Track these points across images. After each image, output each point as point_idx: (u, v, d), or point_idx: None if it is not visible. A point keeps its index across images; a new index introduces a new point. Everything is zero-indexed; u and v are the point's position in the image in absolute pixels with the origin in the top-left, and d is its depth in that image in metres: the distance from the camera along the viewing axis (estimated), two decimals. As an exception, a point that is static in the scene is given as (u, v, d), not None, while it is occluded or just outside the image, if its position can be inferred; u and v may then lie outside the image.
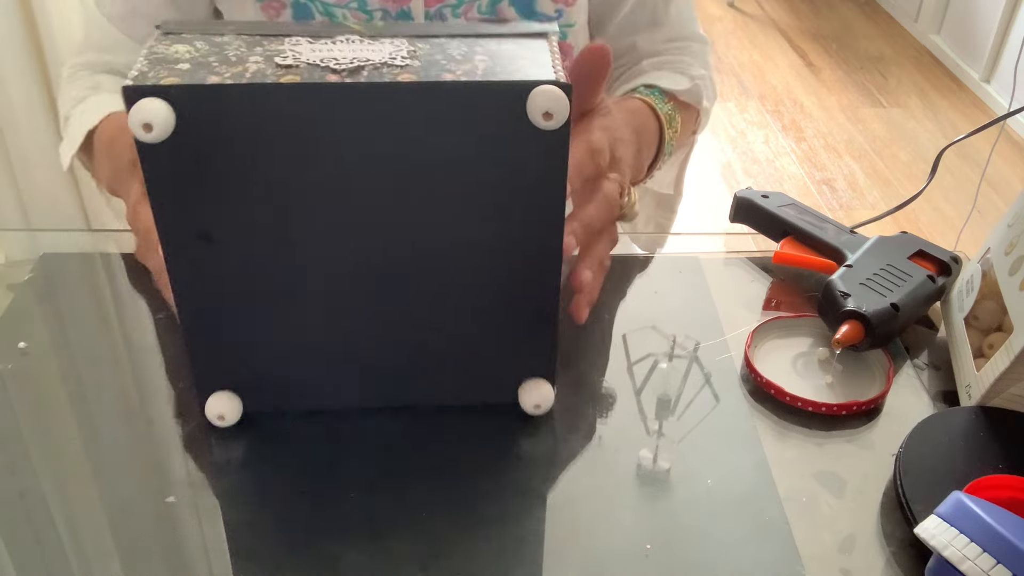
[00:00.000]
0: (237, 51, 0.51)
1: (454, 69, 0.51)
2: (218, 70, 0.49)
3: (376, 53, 0.51)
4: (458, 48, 0.53)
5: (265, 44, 0.52)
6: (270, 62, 0.50)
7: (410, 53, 0.52)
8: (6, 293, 0.73)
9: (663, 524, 0.57)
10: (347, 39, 0.53)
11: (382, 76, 0.50)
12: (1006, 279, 0.66)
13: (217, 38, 0.52)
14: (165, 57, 0.50)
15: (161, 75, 0.48)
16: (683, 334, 0.71)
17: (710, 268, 0.80)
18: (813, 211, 0.81)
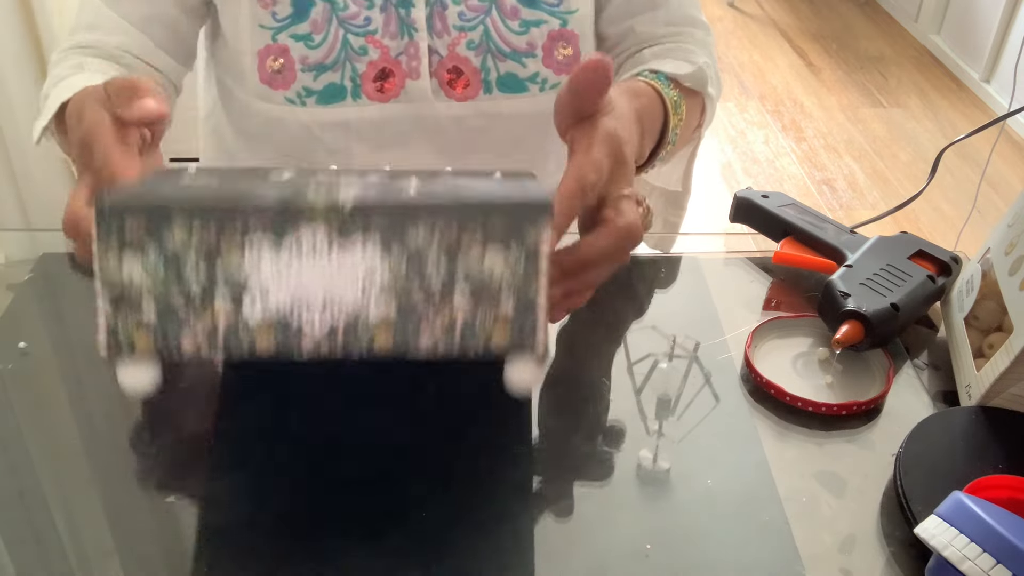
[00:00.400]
0: (199, 281, 0.48)
1: (432, 320, 0.49)
2: (187, 320, 0.48)
3: (348, 283, 0.48)
4: (437, 272, 0.49)
5: (225, 260, 0.48)
6: (237, 308, 0.48)
7: (385, 285, 0.49)
8: (6, 293, 0.73)
9: (663, 524, 0.57)
10: (314, 240, 0.47)
11: (358, 338, 0.49)
12: (1006, 279, 0.66)
13: (168, 242, 0.47)
14: (124, 293, 0.48)
15: (130, 328, 0.48)
16: (683, 334, 0.71)
17: (710, 268, 0.80)
18: (813, 211, 0.81)
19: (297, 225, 0.47)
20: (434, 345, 0.50)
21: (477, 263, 0.48)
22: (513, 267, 0.48)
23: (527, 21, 0.78)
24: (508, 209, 0.47)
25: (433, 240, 0.48)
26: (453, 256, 0.48)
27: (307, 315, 0.48)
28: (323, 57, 0.77)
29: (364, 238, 0.47)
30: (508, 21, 0.78)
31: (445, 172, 0.54)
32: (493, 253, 0.48)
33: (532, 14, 0.78)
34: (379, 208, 0.47)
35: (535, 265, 0.48)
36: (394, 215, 0.47)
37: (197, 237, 0.47)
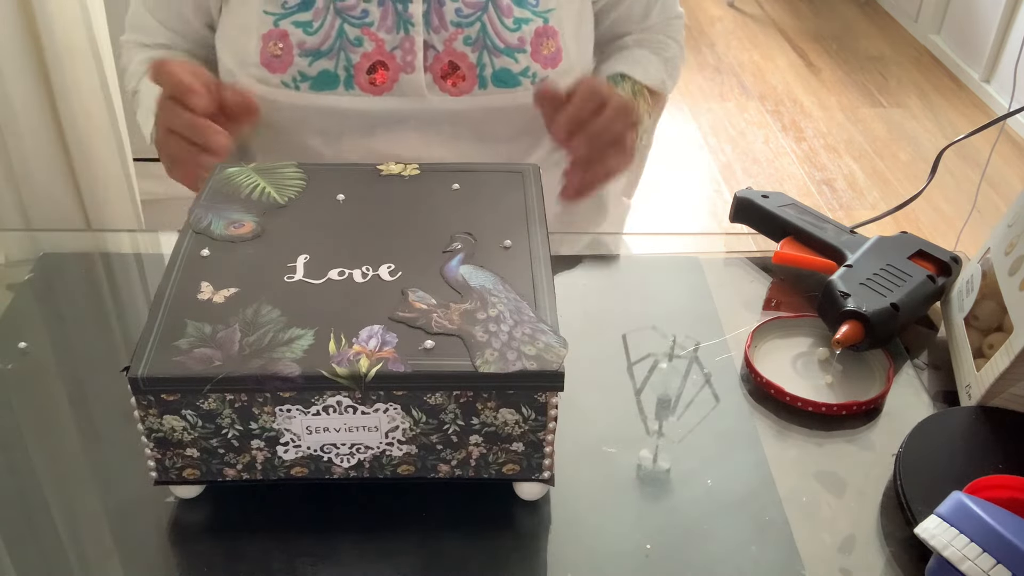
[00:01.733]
0: (232, 427, 0.52)
1: (449, 459, 0.54)
2: (228, 459, 0.54)
3: (371, 434, 0.53)
4: (454, 425, 0.53)
5: (257, 414, 0.51)
6: (272, 449, 0.53)
7: (406, 435, 0.53)
8: (6, 293, 0.73)
9: (663, 524, 0.57)
10: (338, 404, 0.51)
11: (383, 468, 0.54)
12: (1006, 279, 0.65)
13: (203, 407, 0.51)
14: (167, 437, 0.53)
15: (176, 464, 0.54)
16: (683, 334, 0.71)
17: (710, 268, 0.80)
18: (813, 211, 0.81)
19: (322, 393, 0.51)
20: (451, 472, 0.55)
21: (491, 417, 0.53)
22: (524, 420, 0.53)
23: (518, 19, 0.81)
24: (521, 378, 0.51)
25: (450, 402, 0.52)
26: (469, 413, 0.52)
27: (336, 454, 0.53)
28: (319, 43, 0.79)
29: (386, 403, 0.51)
30: (503, 18, 0.80)
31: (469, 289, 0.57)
32: (506, 411, 0.52)
33: (521, 12, 0.81)
34: (398, 378, 0.50)
35: (545, 416, 0.53)
36: (412, 385, 0.51)
37: (230, 403, 0.51)
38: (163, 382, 0.50)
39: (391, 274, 0.56)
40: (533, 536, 0.56)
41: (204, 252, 0.58)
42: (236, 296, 0.54)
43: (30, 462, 0.60)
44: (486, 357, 0.51)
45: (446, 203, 0.63)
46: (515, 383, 0.51)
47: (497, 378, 0.50)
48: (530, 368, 0.50)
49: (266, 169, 0.66)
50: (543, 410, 0.52)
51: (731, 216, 0.84)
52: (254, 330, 0.52)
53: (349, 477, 0.54)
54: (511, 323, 0.53)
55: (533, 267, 0.58)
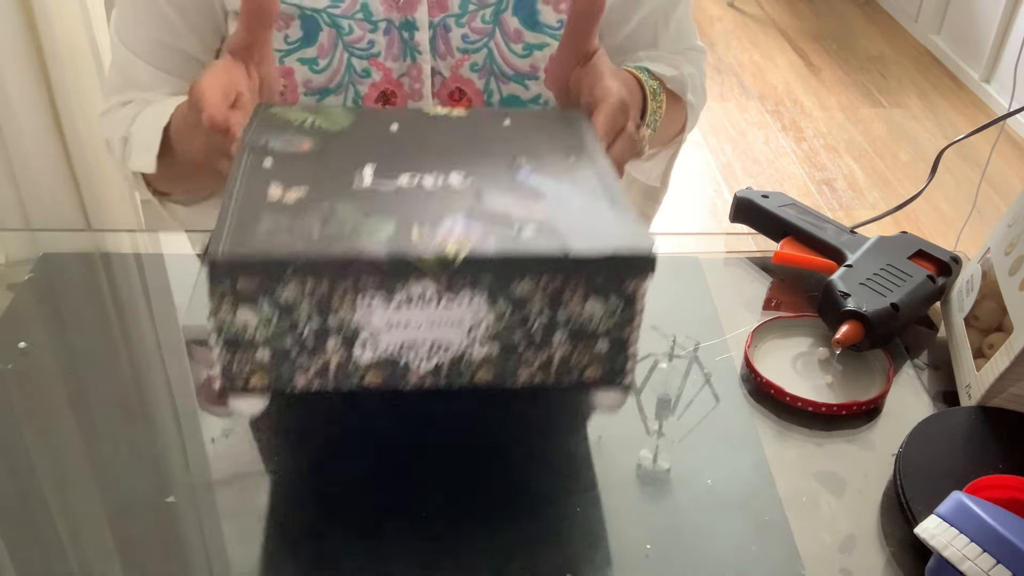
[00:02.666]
0: (309, 323, 0.49)
1: (529, 361, 0.52)
2: (300, 362, 0.50)
3: (453, 330, 0.50)
4: (539, 319, 0.50)
5: (336, 307, 0.49)
6: (349, 350, 0.50)
7: (489, 331, 0.50)
8: (6, 293, 0.73)
9: (663, 524, 0.57)
10: (422, 293, 0.49)
11: (461, 374, 0.51)
12: (1006, 279, 0.65)
13: (281, 297, 0.48)
14: (238, 337, 0.49)
15: (244, 369, 0.50)
16: (683, 334, 0.71)
17: (710, 268, 0.80)
18: (813, 211, 0.81)
19: (407, 280, 0.48)
20: (531, 378, 0.52)
21: (578, 310, 0.50)
22: (611, 312, 0.50)
23: (530, 44, 0.79)
24: (612, 263, 0.49)
25: (537, 291, 0.49)
26: (556, 305, 0.50)
27: (414, 356, 0.51)
28: (327, 82, 0.78)
29: (472, 292, 0.49)
30: (512, 44, 0.79)
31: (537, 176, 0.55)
32: (594, 301, 0.50)
33: (535, 37, 0.79)
34: (487, 264, 0.48)
35: (631, 310, 0.51)
36: (501, 272, 0.49)
37: (310, 292, 0.48)
38: (244, 264, 0.47)
39: (462, 180, 0.54)
40: (533, 536, 0.56)
41: (267, 163, 0.55)
42: (308, 195, 0.51)
43: (30, 462, 0.60)
44: (576, 242, 0.49)
45: (501, 134, 0.61)
46: (607, 267, 0.49)
47: (589, 262, 0.49)
48: (622, 250, 0.49)
49: (311, 106, 0.63)
50: (631, 301, 0.50)
51: (731, 216, 0.84)
52: (332, 222, 0.49)
53: (425, 385, 0.51)
54: (594, 215, 0.52)
55: (603, 179, 0.55)
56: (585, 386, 0.53)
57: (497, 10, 0.78)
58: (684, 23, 0.89)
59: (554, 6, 0.79)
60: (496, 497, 0.58)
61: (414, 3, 0.76)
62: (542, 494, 0.58)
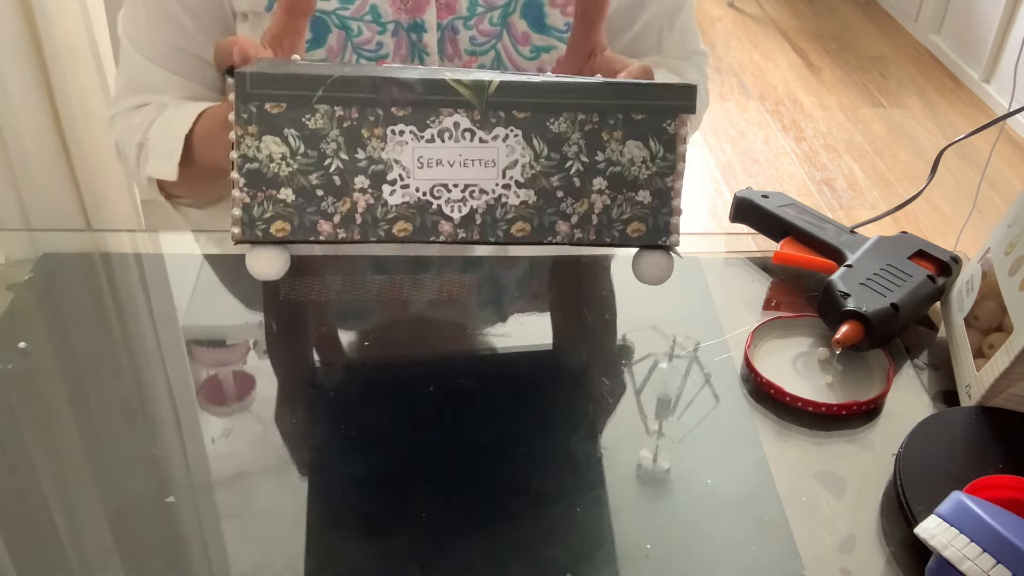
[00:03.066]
0: (337, 156, 0.47)
1: (567, 212, 0.49)
2: (325, 206, 0.48)
3: (487, 171, 0.48)
4: (577, 162, 0.49)
5: (366, 139, 0.47)
6: (378, 191, 0.48)
7: (525, 173, 0.48)
8: (6, 293, 0.73)
9: (663, 524, 0.57)
10: (455, 126, 0.47)
11: (496, 224, 0.49)
12: (1006, 279, 0.65)
13: (309, 126, 0.47)
14: (261, 171, 0.47)
15: (267, 211, 0.48)
16: (683, 334, 0.71)
17: (710, 268, 0.80)
18: (813, 211, 0.81)
19: (439, 111, 0.46)
20: (570, 232, 0.50)
21: (617, 152, 0.48)
22: (652, 157, 0.49)
23: (537, 47, 0.80)
24: (652, 95, 0.48)
25: (574, 130, 0.48)
26: (594, 146, 0.48)
27: (447, 200, 0.48)
28: None
29: (506, 130, 0.47)
30: (519, 46, 0.79)
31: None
32: (633, 143, 0.48)
33: (542, 39, 0.79)
34: (523, 91, 0.46)
35: (673, 155, 0.49)
36: (537, 106, 0.47)
37: (339, 121, 0.46)
38: (272, 82, 0.45)
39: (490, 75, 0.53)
40: (533, 536, 0.56)
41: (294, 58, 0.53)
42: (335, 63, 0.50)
43: (30, 462, 0.60)
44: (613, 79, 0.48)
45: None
46: (645, 96, 0.48)
47: (627, 90, 0.48)
48: (656, 83, 0.48)
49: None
50: (672, 144, 0.49)
51: (731, 216, 0.84)
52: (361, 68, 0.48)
53: (457, 239, 0.49)
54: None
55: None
56: (628, 244, 0.51)
57: (505, 12, 0.78)
58: (688, 27, 0.89)
59: (561, 9, 0.79)
60: (496, 497, 0.58)
61: (422, 5, 0.76)
62: (542, 494, 0.58)
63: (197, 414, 0.64)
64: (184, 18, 0.78)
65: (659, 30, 0.87)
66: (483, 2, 0.77)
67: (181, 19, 0.78)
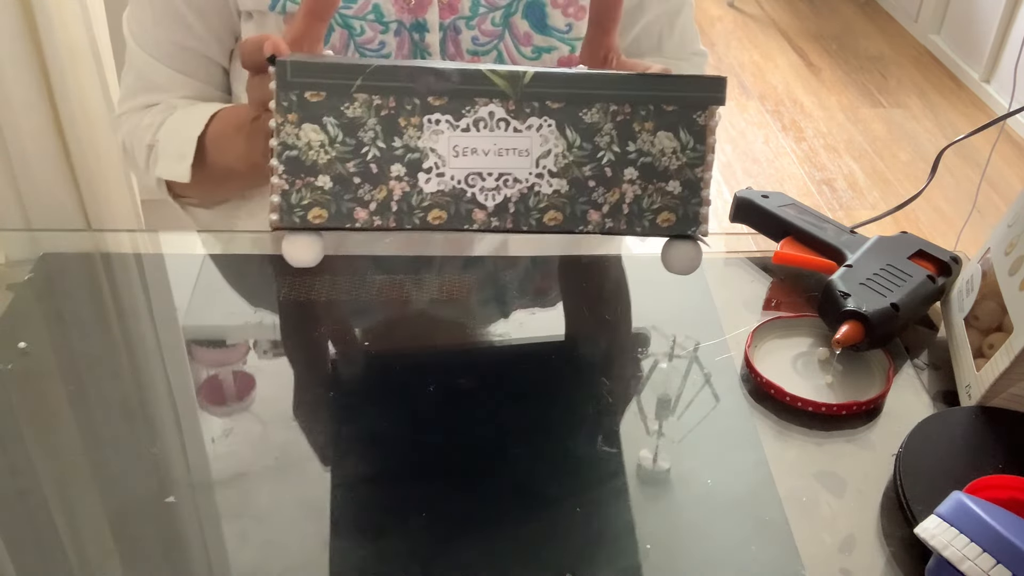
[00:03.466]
0: (375, 145, 0.48)
1: (599, 201, 0.50)
2: (361, 194, 0.48)
3: (521, 160, 0.49)
4: (609, 152, 0.49)
5: (402, 127, 0.48)
6: (414, 179, 0.49)
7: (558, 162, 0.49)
8: (6, 293, 0.73)
9: (663, 524, 0.57)
10: (490, 115, 0.48)
11: (528, 213, 0.50)
12: (1006, 279, 0.65)
13: (348, 114, 0.48)
14: (301, 157, 0.48)
15: (304, 197, 0.48)
16: (683, 334, 0.71)
17: (710, 268, 0.80)
18: (813, 211, 0.81)
19: (475, 101, 0.47)
20: (601, 221, 0.51)
21: (648, 143, 0.49)
22: (683, 148, 0.50)
23: (539, 47, 0.80)
24: (683, 87, 0.48)
25: (607, 121, 0.49)
26: (626, 137, 0.49)
27: (480, 189, 0.49)
28: None
29: (540, 119, 0.48)
30: (521, 47, 0.79)
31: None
32: (664, 135, 0.49)
33: (544, 40, 0.80)
34: (557, 82, 0.47)
35: (703, 146, 0.50)
36: (570, 96, 0.48)
37: (376, 110, 0.47)
38: (313, 70, 0.46)
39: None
40: (533, 536, 0.56)
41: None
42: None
43: (30, 462, 0.60)
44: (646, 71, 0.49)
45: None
46: (677, 88, 0.49)
47: (659, 82, 0.49)
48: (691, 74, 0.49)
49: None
50: (702, 136, 0.50)
51: (731, 216, 0.84)
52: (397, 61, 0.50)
53: (491, 227, 0.50)
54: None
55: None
56: (658, 234, 0.52)
57: (507, 13, 0.78)
58: (688, 28, 0.90)
59: (563, 10, 0.79)
60: (496, 497, 0.58)
61: (425, 5, 0.76)
62: (542, 494, 0.58)
63: (197, 414, 0.64)
64: (190, 17, 0.79)
65: (659, 31, 0.87)
66: (485, 2, 0.78)
67: (187, 18, 0.79)
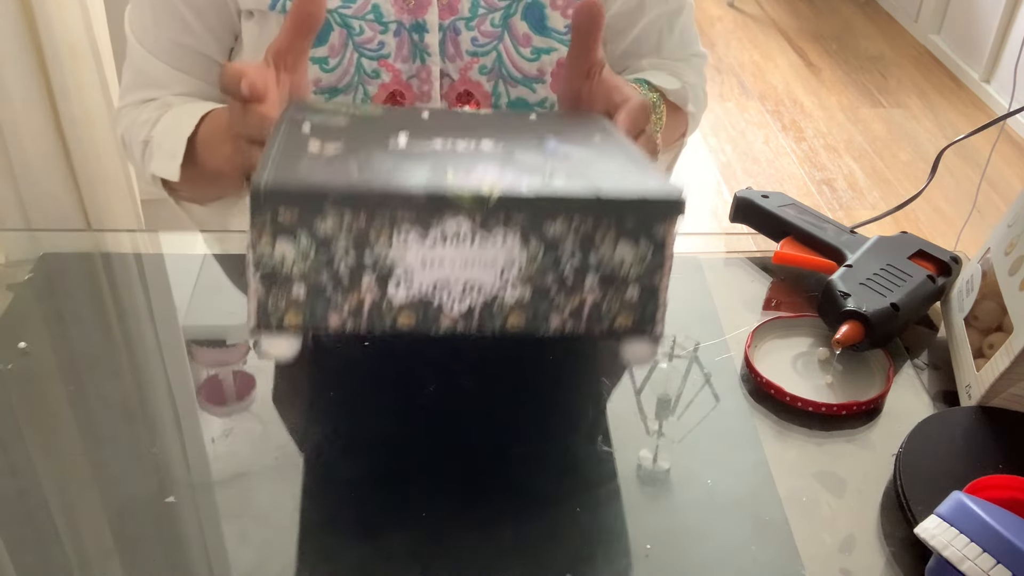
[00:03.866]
0: (348, 264, 0.50)
1: (560, 307, 0.52)
2: (335, 300, 0.50)
3: (486, 270, 0.51)
4: (570, 262, 0.51)
5: (372, 241, 0.49)
6: (383, 289, 0.50)
7: (522, 273, 0.51)
8: (6, 293, 0.73)
9: (663, 524, 0.57)
10: (456, 230, 0.49)
11: (493, 318, 0.52)
12: (1006, 279, 0.65)
13: (320, 229, 0.49)
14: (275, 271, 0.50)
15: (280, 305, 0.50)
16: (683, 334, 0.71)
17: (710, 268, 0.80)
18: (813, 211, 0.81)
19: (443, 216, 0.49)
20: (562, 325, 0.52)
21: (609, 254, 0.51)
22: (642, 258, 0.51)
23: (538, 48, 0.80)
24: (643, 205, 0.50)
25: (569, 233, 0.50)
26: (587, 247, 0.50)
27: (448, 297, 0.51)
28: (336, 81, 0.78)
29: (505, 231, 0.49)
30: (520, 48, 0.79)
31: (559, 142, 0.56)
32: (624, 245, 0.51)
33: (543, 41, 0.80)
34: (521, 203, 0.49)
35: (662, 255, 0.51)
36: (535, 211, 0.49)
37: (347, 226, 0.49)
38: (286, 194, 0.48)
39: (494, 145, 0.56)
40: (533, 536, 0.56)
41: (305, 128, 0.56)
42: (345, 149, 0.53)
43: (30, 462, 0.60)
44: (607, 184, 0.50)
45: (528, 124, 0.63)
46: (637, 209, 0.50)
47: (619, 203, 0.50)
48: (651, 194, 0.50)
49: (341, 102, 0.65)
50: (661, 246, 0.51)
51: (731, 216, 0.84)
52: (369, 167, 0.51)
53: (457, 329, 0.52)
54: (623, 171, 0.53)
55: (628, 151, 0.57)
56: (615, 335, 0.53)
57: (506, 14, 0.78)
58: (687, 29, 0.90)
59: (562, 11, 0.79)
60: (496, 497, 0.58)
61: (425, 5, 0.76)
62: (542, 494, 0.58)
63: (197, 414, 0.64)
64: (189, 15, 0.79)
65: (659, 32, 0.88)
66: (484, 3, 0.78)
67: (186, 16, 0.79)
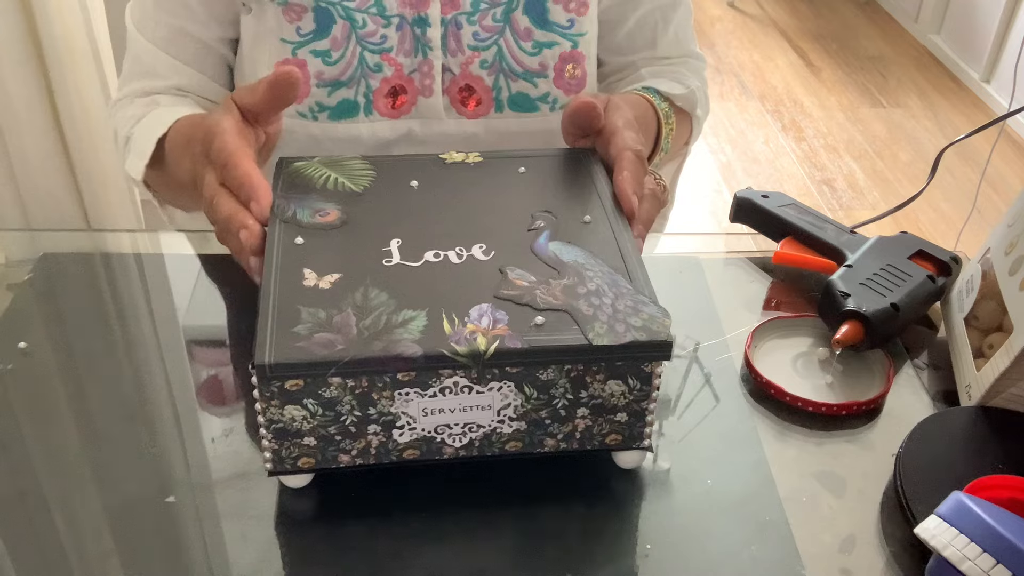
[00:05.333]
0: (351, 414, 0.53)
1: (555, 433, 0.56)
2: (343, 445, 0.54)
3: (484, 413, 0.54)
4: (563, 399, 0.54)
5: (376, 399, 0.52)
6: (388, 433, 0.54)
7: (517, 412, 0.54)
8: (6, 293, 0.73)
9: (663, 524, 0.57)
10: (454, 384, 0.52)
11: (492, 446, 0.56)
12: (1006, 279, 0.65)
13: (325, 394, 0.52)
14: (286, 429, 0.53)
15: (293, 453, 0.54)
16: (683, 334, 0.71)
17: (710, 268, 0.80)
18: (813, 211, 0.81)
19: (441, 373, 0.52)
20: (556, 446, 0.57)
21: (599, 389, 0.54)
22: (630, 390, 0.55)
23: (540, 42, 0.80)
24: (631, 349, 0.52)
25: (561, 377, 0.53)
26: (579, 386, 0.54)
27: (448, 435, 0.55)
28: (339, 74, 0.78)
29: (500, 381, 0.53)
30: (521, 42, 0.79)
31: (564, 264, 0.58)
32: (614, 382, 0.54)
33: (545, 36, 0.80)
34: (515, 356, 0.51)
35: (650, 386, 0.55)
36: (529, 362, 0.52)
37: (351, 389, 0.52)
38: (289, 368, 0.50)
39: (484, 254, 0.57)
40: (533, 536, 0.56)
41: (298, 240, 0.58)
42: (341, 281, 0.55)
43: (30, 462, 0.60)
44: (597, 330, 0.52)
45: (518, 185, 0.65)
46: (626, 354, 0.52)
47: (609, 350, 0.52)
48: (640, 339, 0.52)
49: (333, 161, 0.66)
50: (648, 380, 0.54)
51: (731, 216, 0.84)
52: (367, 313, 0.52)
53: (459, 456, 0.56)
54: (612, 296, 0.54)
55: (618, 240, 0.59)
56: (607, 449, 0.57)
57: (508, 8, 0.79)
58: (684, 28, 0.90)
59: (564, 5, 0.79)
60: (496, 497, 0.58)
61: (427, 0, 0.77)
62: (542, 494, 0.58)
63: (197, 414, 0.64)
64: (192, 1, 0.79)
65: (653, 27, 0.88)
66: None
67: (189, 2, 0.79)
